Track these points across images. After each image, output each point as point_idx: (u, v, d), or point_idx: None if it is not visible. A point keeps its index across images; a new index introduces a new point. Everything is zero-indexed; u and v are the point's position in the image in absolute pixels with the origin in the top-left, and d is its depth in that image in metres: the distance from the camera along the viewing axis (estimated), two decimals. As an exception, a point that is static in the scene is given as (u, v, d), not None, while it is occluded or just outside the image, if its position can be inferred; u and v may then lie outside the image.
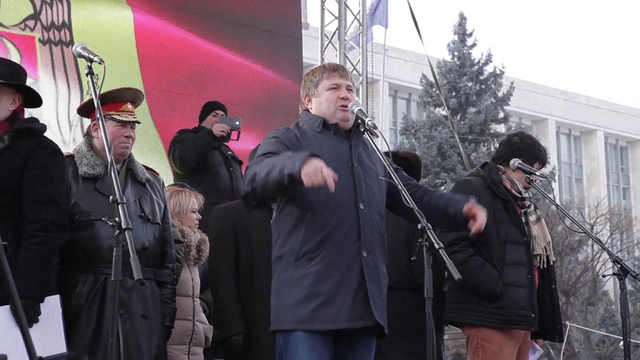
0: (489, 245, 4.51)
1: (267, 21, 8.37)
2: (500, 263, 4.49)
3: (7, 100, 3.80)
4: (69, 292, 3.93)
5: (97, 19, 7.40)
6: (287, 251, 3.69)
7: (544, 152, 4.84)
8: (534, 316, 4.48)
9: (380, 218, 3.81)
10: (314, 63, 11.22)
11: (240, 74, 8.14)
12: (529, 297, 4.47)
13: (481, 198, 4.41)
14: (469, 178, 4.78)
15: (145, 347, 4.00)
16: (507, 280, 4.45)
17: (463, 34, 28.09)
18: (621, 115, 38.99)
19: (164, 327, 4.18)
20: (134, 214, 4.07)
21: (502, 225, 4.54)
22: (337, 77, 3.87)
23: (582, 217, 26.55)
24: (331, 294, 3.60)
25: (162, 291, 4.21)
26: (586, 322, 23.70)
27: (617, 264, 4.61)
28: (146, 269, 4.06)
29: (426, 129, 27.06)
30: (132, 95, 4.27)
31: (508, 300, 4.43)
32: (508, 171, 4.72)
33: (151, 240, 4.14)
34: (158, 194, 4.28)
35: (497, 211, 4.54)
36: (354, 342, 3.72)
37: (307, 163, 3.37)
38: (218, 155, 6.49)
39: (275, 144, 3.73)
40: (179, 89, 7.72)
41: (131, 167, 4.22)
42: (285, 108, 8.19)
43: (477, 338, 4.53)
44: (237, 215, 4.50)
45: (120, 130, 4.15)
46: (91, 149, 4.17)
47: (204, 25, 8.03)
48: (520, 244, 4.54)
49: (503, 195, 4.60)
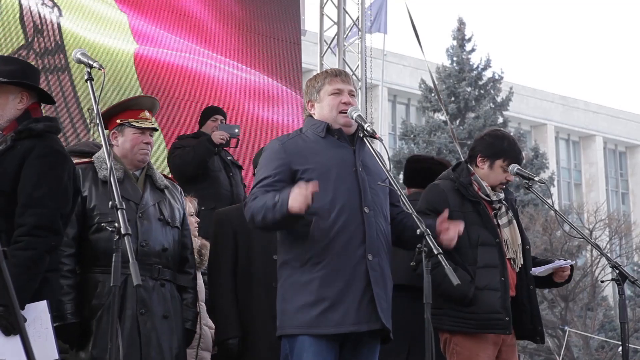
0: (461, 249, 4.36)
1: (266, 27, 8.37)
2: (472, 267, 4.42)
3: (15, 99, 3.74)
4: (89, 292, 4.01)
5: (90, 35, 7.37)
6: (292, 256, 3.71)
7: (508, 147, 4.61)
8: (508, 319, 4.40)
9: (385, 221, 3.83)
10: (313, 68, 11.25)
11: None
12: (503, 300, 4.39)
13: (449, 202, 4.42)
14: (437, 182, 4.67)
15: (166, 346, 4.07)
16: (479, 284, 4.38)
17: (462, 39, 28.13)
18: (620, 121, 39.00)
19: (184, 329, 4.23)
20: (153, 217, 4.17)
21: (473, 227, 4.43)
22: (339, 82, 3.90)
23: (581, 222, 26.53)
24: (337, 298, 3.62)
25: (183, 296, 4.27)
26: (585, 327, 23.69)
27: (615, 270, 4.60)
28: (165, 270, 4.16)
29: (425, 134, 27.09)
30: (149, 103, 4.39)
31: (481, 304, 4.36)
32: (477, 171, 4.61)
33: (170, 242, 4.21)
34: (177, 200, 4.36)
35: (467, 214, 4.44)
36: (358, 346, 3.73)
37: (290, 198, 3.52)
38: (218, 160, 6.50)
39: (271, 162, 3.77)
40: (177, 95, 7.71)
41: (150, 174, 4.31)
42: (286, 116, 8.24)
43: (452, 344, 4.49)
44: (236, 219, 4.51)
45: (140, 137, 4.24)
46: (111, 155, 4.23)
47: (202, 31, 8.04)
48: (493, 246, 4.46)
49: (472, 198, 4.52)
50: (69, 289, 3.97)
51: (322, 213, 3.67)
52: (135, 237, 4.02)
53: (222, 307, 4.41)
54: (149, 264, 4.06)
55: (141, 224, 4.10)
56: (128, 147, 4.23)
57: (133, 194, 4.15)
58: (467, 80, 27.46)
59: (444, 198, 4.48)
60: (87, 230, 4.07)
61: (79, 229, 4.07)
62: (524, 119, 35.68)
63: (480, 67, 27.98)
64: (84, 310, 3.99)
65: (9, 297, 2.52)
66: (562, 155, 38.20)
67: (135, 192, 4.17)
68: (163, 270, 4.13)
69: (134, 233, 4.00)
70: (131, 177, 4.24)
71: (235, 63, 8.15)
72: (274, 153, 3.82)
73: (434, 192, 4.58)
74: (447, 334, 4.50)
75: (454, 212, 4.41)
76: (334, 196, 3.69)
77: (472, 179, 4.60)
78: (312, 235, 3.66)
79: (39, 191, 3.58)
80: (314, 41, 10.38)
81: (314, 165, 3.75)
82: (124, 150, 4.23)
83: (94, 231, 4.04)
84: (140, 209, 4.13)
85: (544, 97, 37.26)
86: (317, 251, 3.65)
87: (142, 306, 4.01)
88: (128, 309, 3.97)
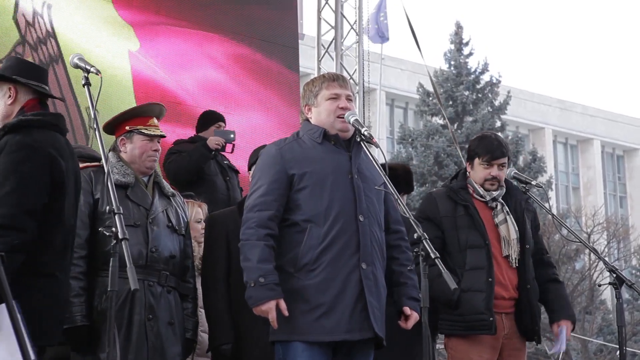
0: (452, 253, 4.57)
1: (263, 31, 8.37)
2: (462, 269, 4.52)
3: (4, 95, 3.73)
4: (99, 296, 4.01)
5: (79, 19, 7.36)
6: (286, 262, 3.71)
7: (479, 145, 4.73)
8: (492, 319, 4.46)
9: (379, 229, 3.83)
10: (311, 72, 11.25)
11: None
12: (487, 301, 4.46)
13: (439, 208, 4.64)
14: (432, 191, 4.95)
15: (170, 353, 4.10)
16: (464, 286, 4.45)
17: (459, 43, 28.12)
18: (618, 124, 39.04)
19: (185, 337, 4.26)
20: (162, 224, 4.21)
21: (462, 230, 4.58)
22: (336, 87, 3.90)
23: (579, 225, 26.53)
24: (330, 306, 3.62)
25: (184, 305, 4.30)
26: (583, 330, 23.67)
27: (613, 274, 4.62)
28: (172, 278, 4.19)
29: (423, 137, 27.08)
30: (157, 110, 4.45)
31: (466, 306, 4.44)
32: (470, 175, 4.75)
33: (177, 249, 4.25)
34: (181, 209, 4.42)
35: (458, 218, 4.61)
36: (352, 352, 3.73)
37: (262, 307, 3.61)
38: (214, 164, 6.49)
39: (270, 169, 3.77)
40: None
41: (158, 181, 4.36)
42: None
43: (448, 347, 4.63)
44: (230, 222, 4.50)
45: (148, 144, 4.29)
46: (120, 161, 4.27)
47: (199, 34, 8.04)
48: (481, 248, 4.55)
49: (462, 202, 4.64)
50: (80, 291, 3.98)
51: (317, 220, 3.67)
52: (146, 243, 4.08)
53: (216, 312, 4.40)
54: (157, 269, 4.10)
55: (151, 229, 4.13)
56: (137, 154, 4.27)
57: (143, 200, 4.19)
58: (465, 84, 27.46)
59: (434, 205, 4.68)
60: (97, 233, 4.03)
61: (91, 231, 4.08)
62: (522, 122, 35.71)
63: (477, 70, 27.98)
64: (93, 313, 4.00)
65: (7, 300, 2.51)
66: (559, 159, 38.22)
67: (145, 198, 4.21)
68: (170, 277, 4.17)
69: (145, 238, 4.07)
70: (141, 182, 4.27)
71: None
72: (271, 158, 3.81)
73: (426, 200, 4.84)
74: (446, 337, 4.63)
75: (445, 218, 4.62)
76: (329, 203, 3.69)
77: (467, 183, 4.73)
78: (306, 242, 3.66)
79: (2, 190, 3.48)
80: (311, 45, 10.38)
81: (310, 172, 3.75)
82: (133, 156, 4.28)
83: (103, 234, 4.00)
84: (151, 214, 4.16)
85: (541, 100, 37.29)
86: (312, 258, 3.65)
87: (149, 312, 4.03)
88: (136, 314, 3.99)
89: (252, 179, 3.91)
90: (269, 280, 3.60)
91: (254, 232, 3.68)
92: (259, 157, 4.02)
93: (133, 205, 4.14)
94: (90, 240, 4.07)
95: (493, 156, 4.66)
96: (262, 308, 3.60)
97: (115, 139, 4.40)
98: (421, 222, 4.47)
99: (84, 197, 4.06)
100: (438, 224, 4.61)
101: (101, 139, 3.53)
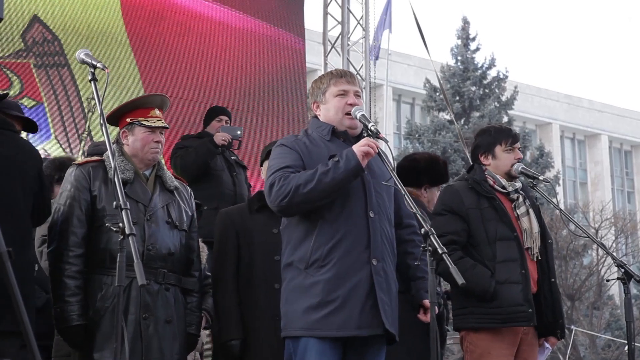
0: (479, 245, 4.50)
1: (269, 29, 8.38)
2: (492, 262, 4.46)
3: None
4: (94, 294, 3.96)
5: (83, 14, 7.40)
6: (297, 258, 3.70)
7: (497, 132, 4.75)
8: (532, 311, 4.45)
9: (389, 225, 3.82)
10: (317, 68, 11.23)
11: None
12: (525, 293, 4.44)
13: (464, 201, 4.54)
14: (452, 183, 4.81)
15: (167, 352, 4.04)
16: (500, 278, 4.42)
17: (466, 38, 28.10)
18: (625, 119, 38.94)
19: (186, 334, 4.20)
20: (161, 220, 4.13)
21: (490, 223, 4.52)
22: (344, 83, 3.89)
23: (586, 221, 26.48)
24: (341, 302, 3.61)
25: (187, 299, 4.24)
26: (591, 326, 23.65)
27: (621, 269, 4.60)
28: (170, 275, 4.12)
29: (430, 133, 27.06)
30: (159, 101, 4.33)
31: (504, 298, 4.40)
32: (487, 168, 4.71)
33: (177, 246, 4.17)
34: (186, 202, 4.33)
35: (484, 210, 4.55)
36: (364, 348, 3.72)
37: (356, 152, 3.60)
38: (221, 160, 6.49)
39: (289, 154, 3.76)
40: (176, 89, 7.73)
41: (160, 174, 4.27)
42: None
43: (466, 341, 4.56)
44: (239, 219, 4.50)
45: (150, 135, 4.19)
46: (121, 155, 4.20)
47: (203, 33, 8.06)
48: (511, 240, 4.51)
49: (487, 193, 4.59)
50: (77, 290, 3.93)
51: (327, 216, 3.67)
52: (142, 240, 4.01)
53: (225, 308, 4.40)
54: (154, 267, 4.03)
55: (148, 227, 4.06)
56: (138, 146, 4.18)
57: (142, 196, 4.11)
58: (472, 80, 27.43)
59: (458, 197, 4.58)
60: (94, 230, 4.03)
61: (88, 229, 4.03)
62: (529, 118, 35.64)
63: (484, 66, 27.95)
64: (89, 312, 3.95)
65: (14, 298, 2.51)
66: (567, 154, 38.15)
67: (144, 194, 4.13)
68: (168, 274, 4.10)
69: (141, 236, 3.99)
70: (141, 177, 4.19)
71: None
72: (291, 144, 3.81)
73: (449, 193, 4.68)
74: (465, 331, 4.56)
75: (470, 210, 4.54)
76: (339, 200, 3.68)
77: (486, 174, 4.68)
78: (316, 238, 3.66)
79: None
80: (318, 41, 10.37)
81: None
82: (135, 149, 4.19)
83: (100, 232, 3.98)
84: (148, 211, 4.09)
85: (548, 96, 37.21)
86: (322, 254, 3.65)
87: (145, 311, 3.97)
88: (131, 314, 3.93)
89: (271, 162, 3.85)
90: (333, 159, 3.63)
91: (288, 174, 3.68)
92: (270, 151, 4.00)
93: (131, 202, 3.98)
94: (87, 238, 4.02)
95: (515, 139, 4.70)
96: (365, 150, 3.61)
97: (118, 132, 4.35)
98: (444, 215, 4.52)
99: (81, 194, 4.04)
100: (464, 217, 4.55)
101: (107, 134, 3.51)
